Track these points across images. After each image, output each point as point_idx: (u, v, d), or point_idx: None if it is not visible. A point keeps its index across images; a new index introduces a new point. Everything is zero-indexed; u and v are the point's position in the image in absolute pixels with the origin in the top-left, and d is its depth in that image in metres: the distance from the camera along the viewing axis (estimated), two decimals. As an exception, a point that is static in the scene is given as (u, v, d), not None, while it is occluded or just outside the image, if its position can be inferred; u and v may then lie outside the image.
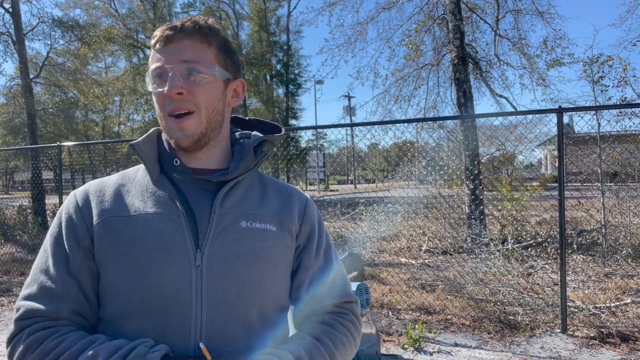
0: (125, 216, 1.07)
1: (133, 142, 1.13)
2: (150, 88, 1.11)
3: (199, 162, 1.14)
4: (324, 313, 1.19)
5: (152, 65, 1.09)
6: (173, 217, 1.06)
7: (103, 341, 0.97)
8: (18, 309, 1.03)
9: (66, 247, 1.06)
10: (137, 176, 1.16)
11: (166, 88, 1.05)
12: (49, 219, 12.77)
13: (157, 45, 1.09)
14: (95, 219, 1.07)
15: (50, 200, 13.01)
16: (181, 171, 1.13)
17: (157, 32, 1.09)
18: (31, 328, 0.99)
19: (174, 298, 1.01)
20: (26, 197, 13.95)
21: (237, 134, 1.26)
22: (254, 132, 1.24)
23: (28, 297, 1.03)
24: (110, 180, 1.17)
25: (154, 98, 1.11)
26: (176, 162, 1.14)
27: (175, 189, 1.10)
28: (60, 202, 7.88)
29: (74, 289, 1.04)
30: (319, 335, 1.12)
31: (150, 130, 1.21)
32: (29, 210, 12.65)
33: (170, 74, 1.05)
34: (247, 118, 1.33)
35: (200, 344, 0.99)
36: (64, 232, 1.08)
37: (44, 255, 1.08)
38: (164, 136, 1.19)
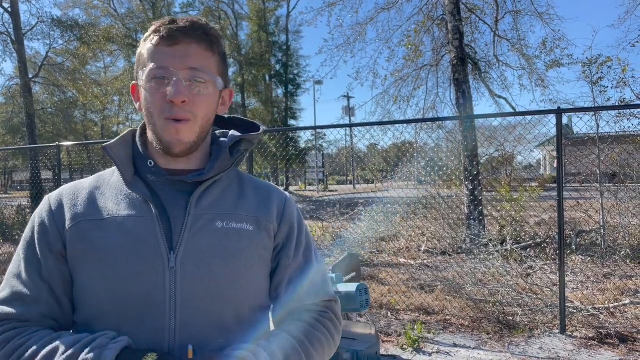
0: (98, 220, 1.06)
1: (105, 144, 1.12)
2: (142, 83, 1.07)
3: (177, 164, 1.13)
4: (302, 312, 1.18)
5: (152, 63, 1.05)
6: (146, 220, 1.05)
7: (66, 336, 0.99)
8: None
9: (38, 252, 1.06)
10: (113, 178, 1.15)
11: (169, 92, 1.02)
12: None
13: (161, 43, 1.05)
14: (68, 224, 1.07)
15: (49, 200, 13.00)
16: (156, 172, 1.11)
17: (161, 28, 1.05)
18: (0, 329, 1.01)
19: (148, 301, 1.00)
20: (25, 197, 13.95)
21: (216, 132, 1.24)
22: (232, 131, 1.23)
23: (0, 302, 1.05)
24: (85, 183, 1.16)
25: (146, 95, 1.07)
26: (150, 163, 1.12)
27: (150, 190, 1.09)
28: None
29: (44, 293, 1.04)
30: (296, 333, 1.10)
31: (125, 131, 1.19)
32: (28, 210, 12.64)
33: (174, 79, 1.03)
34: (227, 116, 1.30)
35: (189, 345, 0.98)
36: (36, 237, 1.08)
37: (17, 260, 1.08)
38: (137, 137, 1.17)
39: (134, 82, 1.15)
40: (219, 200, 1.12)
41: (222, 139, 1.22)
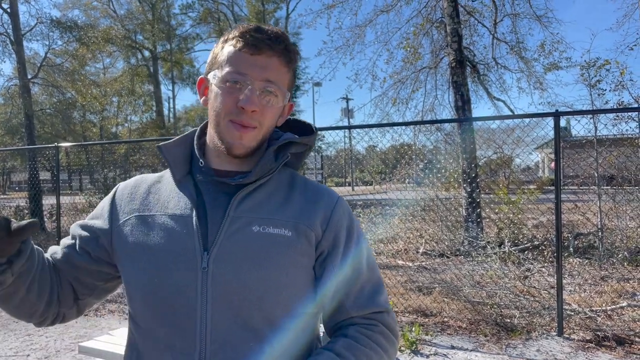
0: (147, 215, 1.12)
1: (161, 143, 1.16)
2: (216, 82, 1.09)
3: (229, 165, 1.15)
4: (348, 326, 1.13)
5: (231, 66, 1.07)
6: (187, 219, 1.08)
7: None
8: None
9: (85, 224, 1.20)
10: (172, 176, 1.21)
11: (243, 99, 1.05)
12: (46, 219, 12.72)
13: (245, 49, 1.07)
14: (122, 217, 1.15)
15: (47, 200, 12.98)
16: (204, 172, 1.15)
17: (247, 34, 1.07)
18: None
19: (180, 299, 1.02)
20: (23, 198, 13.92)
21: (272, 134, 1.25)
22: (286, 134, 1.23)
23: None
24: (149, 178, 1.23)
25: (217, 94, 1.10)
26: (201, 163, 1.16)
27: (196, 190, 1.13)
28: (58, 203, 7.87)
29: (67, 253, 1.20)
30: (339, 349, 1.06)
31: (189, 131, 1.22)
32: (26, 211, 12.62)
33: (249, 87, 1.05)
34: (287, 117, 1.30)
35: None
36: (92, 213, 1.22)
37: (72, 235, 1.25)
38: (196, 137, 1.21)
39: (202, 76, 1.18)
40: (262, 203, 1.11)
41: (272, 141, 1.21)
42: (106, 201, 1.21)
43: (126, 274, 1.11)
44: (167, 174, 1.22)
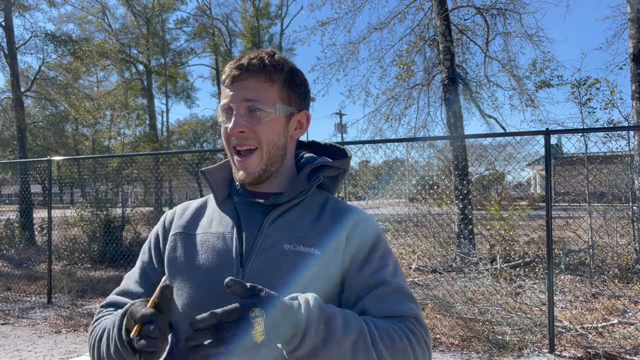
0: (191, 234, 1.20)
1: (204, 168, 1.25)
2: (219, 121, 1.19)
3: (260, 187, 1.22)
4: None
5: (221, 101, 1.17)
6: (226, 237, 1.15)
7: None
8: (106, 300, 1.27)
9: (152, 259, 1.26)
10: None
11: (230, 125, 1.13)
12: (36, 233, 12.60)
13: (227, 82, 1.16)
14: (170, 233, 1.24)
15: (38, 214, 12.88)
16: (240, 194, 1.23)
17: (227, 69, 1.16)
18: (103, 311, 1.22)
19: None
20: (14, 211, 13.80)
21: (305, 157, 1.31)
22: (320, 158, 1.28)
23: (115, 293, 1.26)
24: (195, 202, 1.32)
25: (222, 130, 1.20)
26: (237, 185, 1.24)
27: (235, 211, 1.20)
28: (49, 217, 7.73)
29: (147, 291, 1.20)
30: (364, 317, 1.05)
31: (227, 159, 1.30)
32: (16, 224, 12.49)
33: (234, 112, 1.13)
34: (323, 142, 1.37)
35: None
36: (152, 246, 1.27)
37: (136, 264, 1.30)
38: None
39: None
40: (294, 223, 1.16)
41: (307, 164, 1.28)
42: (159, 227, 1.30)
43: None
44: (210, 198, 1.30)
